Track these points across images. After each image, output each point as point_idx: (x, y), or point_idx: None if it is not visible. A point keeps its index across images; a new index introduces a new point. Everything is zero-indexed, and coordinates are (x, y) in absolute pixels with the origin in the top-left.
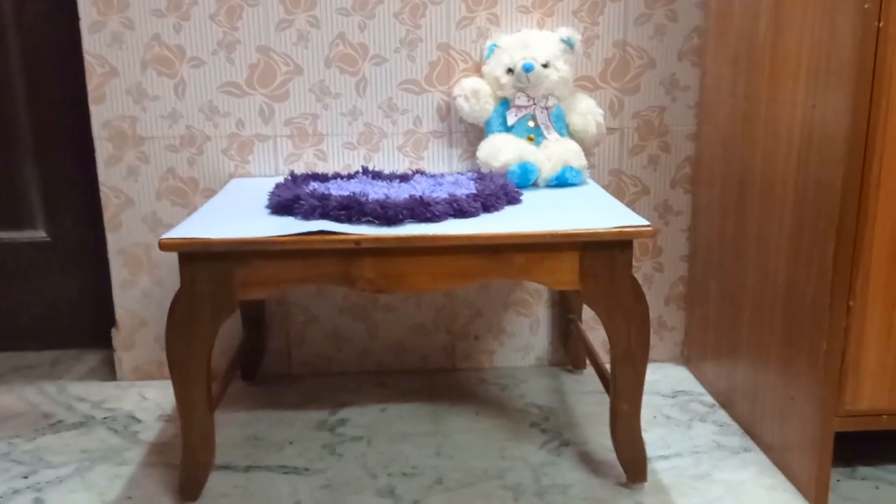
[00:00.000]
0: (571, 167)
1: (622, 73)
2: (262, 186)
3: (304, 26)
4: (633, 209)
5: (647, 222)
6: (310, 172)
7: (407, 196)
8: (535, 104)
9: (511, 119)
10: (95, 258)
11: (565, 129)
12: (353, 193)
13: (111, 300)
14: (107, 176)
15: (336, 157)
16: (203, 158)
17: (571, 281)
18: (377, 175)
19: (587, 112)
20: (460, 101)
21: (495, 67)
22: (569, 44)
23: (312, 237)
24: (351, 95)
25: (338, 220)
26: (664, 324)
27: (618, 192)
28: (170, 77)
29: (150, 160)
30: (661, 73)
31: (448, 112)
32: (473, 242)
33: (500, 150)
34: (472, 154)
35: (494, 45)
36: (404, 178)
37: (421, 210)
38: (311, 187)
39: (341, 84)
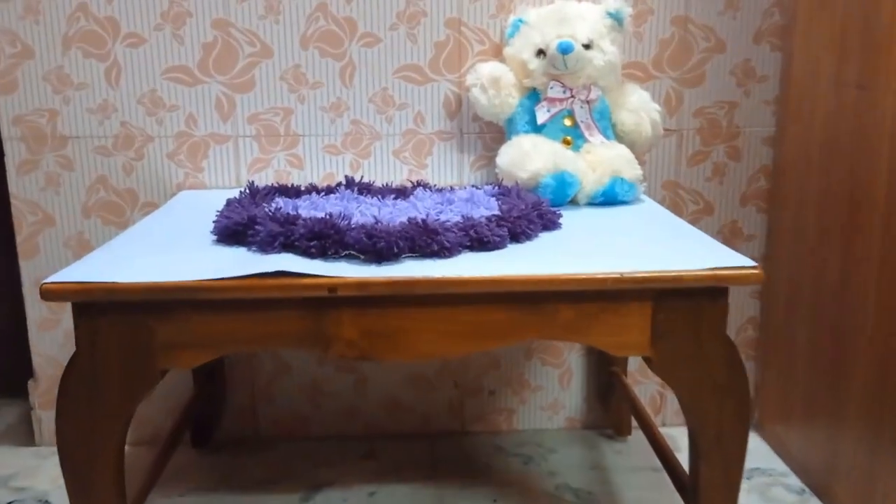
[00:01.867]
0: (622, 179)
1: (682, 58)
2: (218, 203)
3: None
4: None
5: (749, 262)
6: (276, 184)
7: (405, 220)
8: (573, 97)
9: (542, 116)
10: (7, 289)
11: (611, 130)
12: (330, 216)
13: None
14: (19, 187)
15: (315, 164)
16: (143, 165)
17: (639, 344)
18: (365, 189)
19: (640, 108)
20: (476, 93)
21: (521, 48)
22: (617, 19)
23: (266, 281)
24: (334, 85)
25: (307, 253)
26: None
27: (672, 211)
28: (100, 59)
29: (74, 166)
30: (731, 59)
31: (458, 107)
32: (501, 289)
33: (529, 157)
34: (489, 161)
35: (520, 21)
36: (402, 192)
37: (424, 240)
38: (273, 206)
39: (322, 70)
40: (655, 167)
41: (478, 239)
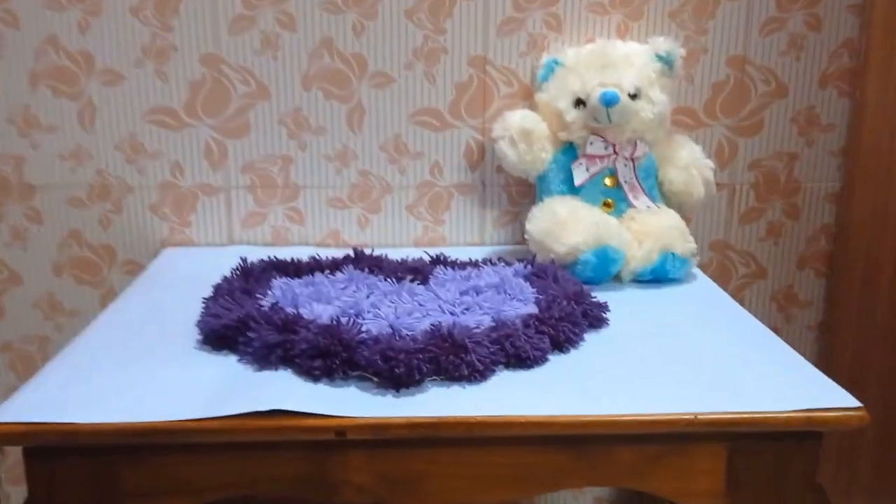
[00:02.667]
0: (674, 255)
1: (738, 103)
2: (207, 266)
3: (272, 27)
4: (743, 299)
5: (851, 400)
6: (273, 259)
7: (426, 327)
8: (615, 153)
9: (580, 177)
10: None
11: (657, 189)
12: (337, 323)
13: None
14: None
15: (317, 220)
16: (122, 218)
17: (711, 492)
18: (376, 265)
19: (690, 164)
20: (503, 146)
21: (557, 96)
22: (667, 62)
23: (257, 422)
24: (340, 130)
25: (309, 373)
26: None
27: (721, 275)
28: (72, 98)
29: (44, 219)
30: (793, 105)
31: (481, 156)
32: (549, 432)
33: (566, 228)
34: (514, 218)
35: (555, 62)
36: (418, 272)
37: (452, 361)
38: (269, 297)
39: (326, 113)
40: (703, 225)
41: (515, 355)
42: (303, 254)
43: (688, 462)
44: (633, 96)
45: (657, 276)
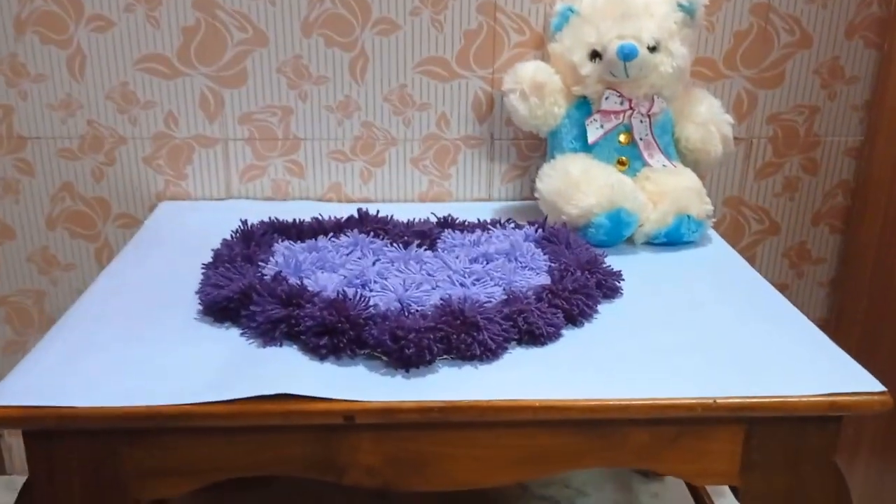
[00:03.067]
0: (690, 218)
1: (760, 54)
2: (206, 223)
3: None
4: (754, 256)
5: (876, 384)
6: (274, 220)
7: (437, 302)
8: (631, 109)
9: (593, 134)
10: None
11: (673, 146)
12: (343, 296)
13: None
14: None
15: (318, 173)
16: (115, 171)
17: (726, 473)
18: (381, 227)
19: (709, 120)
20: (514, 100)
21: (572, 48)
22: (689, 11)
23: (264, 406)
24: (343, 80)
25: (316, 351)
26: None
27: (733, 231)
28: (60, 46)
29: (35, 171)
30: (817, 56)
31: (490, 108)
32: (564, 416)
33: (579, 189)
34: (523, 172)
35: (570, 10)
36: (424, 236)
37: (463, 339)
38: (272, 264)
39: (327, 62)
40: (717, 181)
41: (528, 331)
42: (304, 210)
43: (704, 444)
44: (653, 49)
45: (671, 240)
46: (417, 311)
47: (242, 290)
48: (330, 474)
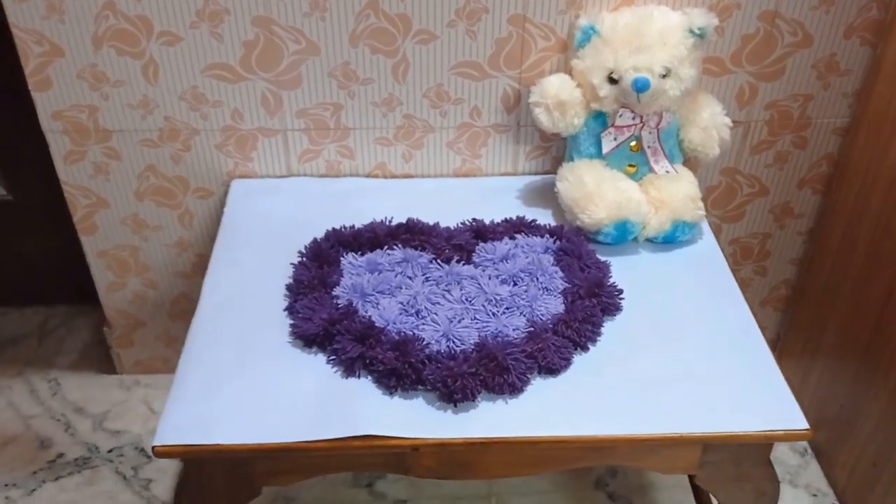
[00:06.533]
0: (685, 223)
1: (763, 53)
2: (277, 205)
3: None
4: (743, 213)
5: (801, 423)
6: (336, 233)
7: (476, 339)
8: (642, 123)
9: (608, 145)
10: (64, 218)
11: (677, 148)
12: (403, 338)
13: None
14: (68, 175)
15: (366, 154)
16: (192, 155)
17: (688, 467)
18: (426, 239)
19: (710, 125)
20: (538, 113)
21: (592, 69)
22: (701, 35)
23: (355, 443)
24: (386, 81)
25: (386, 387)
26: None
27: (727, 194)
28: (135, 57)
29: (122, 157)
30: (816, 54)
31: (517, 102)
32: (571, 445)
33: (592, 201)
34: (544, 152)
35: (592, 29)
36: (462, 250)
37: (497, 381)
38: (343, 287)
39: (373, 67)
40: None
41: (546, 367)
42: (354, 186)
43: (673, 452)
44: (665, 76)
45: (668, 241)
46: (461, 352)
47: (324, 327)
48: (400, 471)
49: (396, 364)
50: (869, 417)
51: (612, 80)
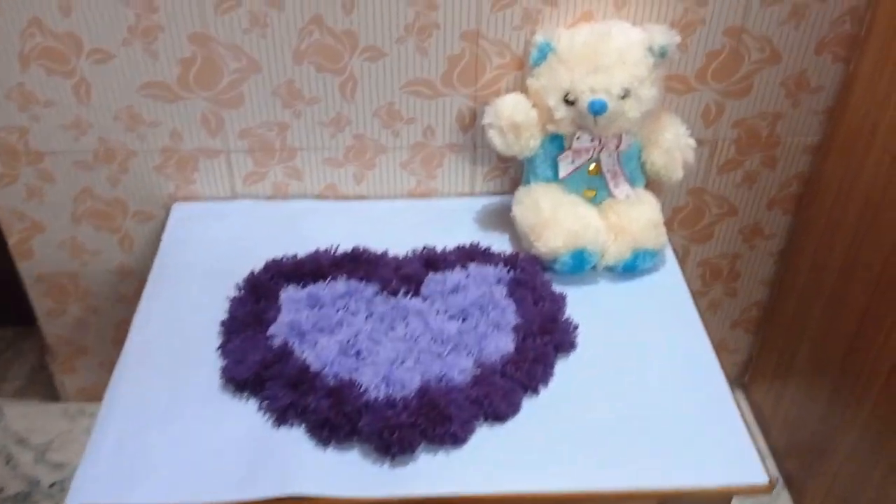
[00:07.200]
0: (646, 251)
1: (730, 70)
2: (219, 232)
3: (259, 6)
4: (711, 233)
5: (762, 477)
6: (276, 264)
7: (418, 384)
8: (601, 145)
9: (564, 169)
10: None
11: (639, 170)
12: (340, 383)
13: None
14: (1, 198)
15: (315, 176)
16: (129, 177)
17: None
18: (373, 268)
19: (673, 147)
20: (493, 134)
21: (547, 89)
22: (661, 54)
23: (284, 502)
24: (334, 100)
25: (320, 438)
26: (725, 346)
27: (695, 215)
28: (65, 76)
29: (56, 179)
30: (785, 70)
31: (473, 121)
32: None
33: (548, 229)
34: (503, 172)
35: (548, 46)
36: (411, 281)
37: (438, 430)
38: (279, 325)
39: (319, 85)
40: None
41: (492, 412)
42: (303, 208)
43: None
44: (624, 97)
45: (629, 270)
46: (401, 399)
47: (256, 371)
48: None
49: (330, 414)
50: (840, 447)
51: (569, 102)
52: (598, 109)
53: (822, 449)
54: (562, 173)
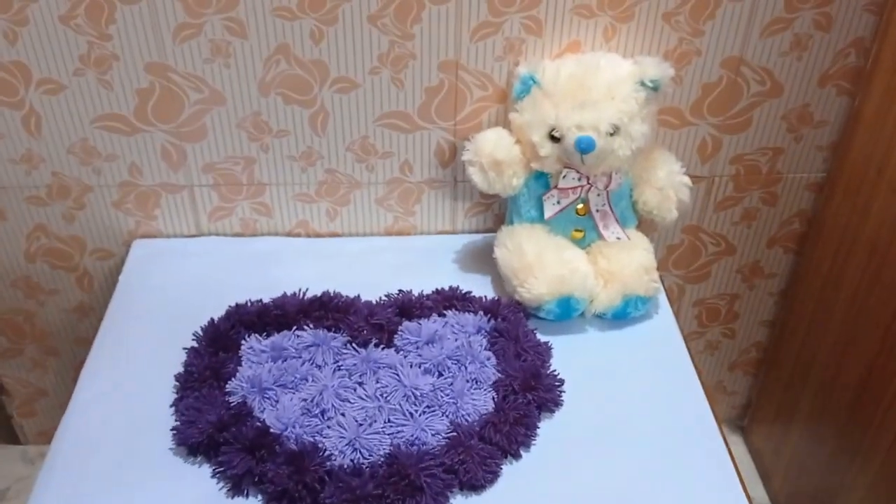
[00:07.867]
0: (637, 297)
1: (727, 103)
2: (180, 273)
3: (221, 34)
4: (708, 273)
5: None
6: (238, 312)
7: (388, 449)
8: (589, 184)
9: (550, 209)
10: None
11: (631, 209)
12: (301, 449)
13: None
14: None
15: (285, 212)
16: (86, 213)
17: None
18: (343, 316)
19: (667, 185)
20: (473, 172)
21: (531, 124)
22: (654, 88)
23: None
24: (304, 133)
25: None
26: (723, 388)
27: (690, 253)
28: (13, 108)
29: (7, 215)
30: (787, 104)
31: (453, 156)
32: None
33: (532, 273)
34: (485, 208)
35: (532, 79)
36: (382, 331)
37: (406, 497)
38: (238, 380)
39: (287, 118)
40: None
41: (468, 483)
42: (272, 246)
43: None
44: (613, 134)
45: (619, 317)
46: (368, 466)
47: (210, 433)
48: None
49: (289, 484)
50: (848, 501)
51: (554, 138)
52: (585, 147)
53: (830, 499)
54: (547, 214)
